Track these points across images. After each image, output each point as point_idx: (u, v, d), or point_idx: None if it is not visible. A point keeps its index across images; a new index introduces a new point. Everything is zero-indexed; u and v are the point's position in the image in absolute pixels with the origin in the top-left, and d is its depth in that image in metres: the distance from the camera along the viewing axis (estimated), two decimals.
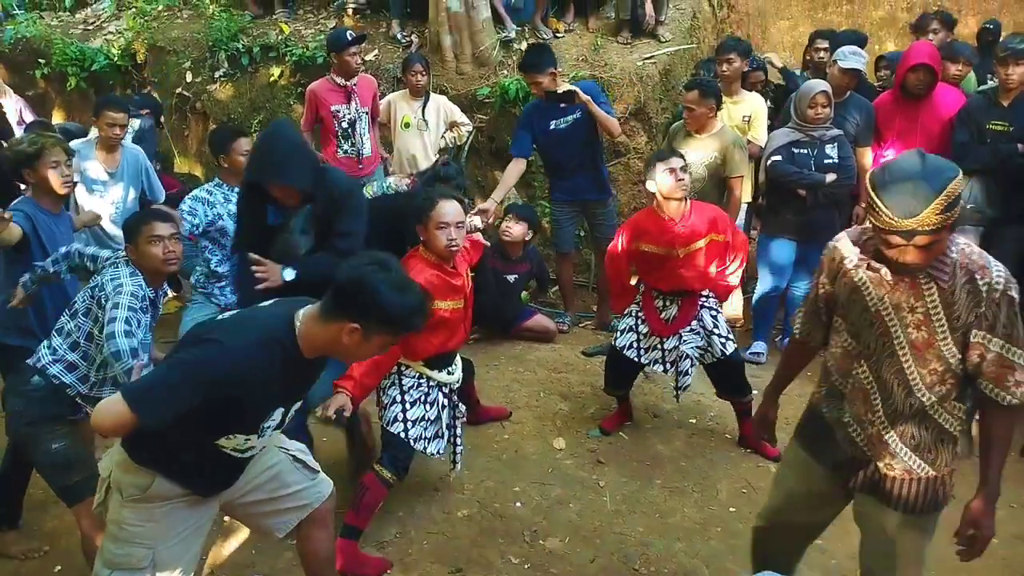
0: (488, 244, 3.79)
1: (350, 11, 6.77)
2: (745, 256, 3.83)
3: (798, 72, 5.67)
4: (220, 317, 2.06)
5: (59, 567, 3.01)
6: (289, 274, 3.01)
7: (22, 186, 3.41)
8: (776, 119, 4.97)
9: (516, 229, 4.90)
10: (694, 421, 4.10)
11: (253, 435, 2.06)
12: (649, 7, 5.94)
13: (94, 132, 4.48)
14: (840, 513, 2.33)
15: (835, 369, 2.15)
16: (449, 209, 3.01)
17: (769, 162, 4.55)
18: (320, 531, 2.43)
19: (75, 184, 3.52)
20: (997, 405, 1.96)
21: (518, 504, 3.41)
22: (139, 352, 2.53)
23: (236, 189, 3.89)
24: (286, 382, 2.04)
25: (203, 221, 3.93)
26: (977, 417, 2.08)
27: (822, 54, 5.42)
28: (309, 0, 7.10)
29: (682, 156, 3.69)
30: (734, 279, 3.82)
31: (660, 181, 3.59)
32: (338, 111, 5.15)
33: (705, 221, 3.67)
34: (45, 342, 2.78)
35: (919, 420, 2.04)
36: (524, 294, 5.49)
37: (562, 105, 4.71)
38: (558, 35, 6.31)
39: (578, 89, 4.67)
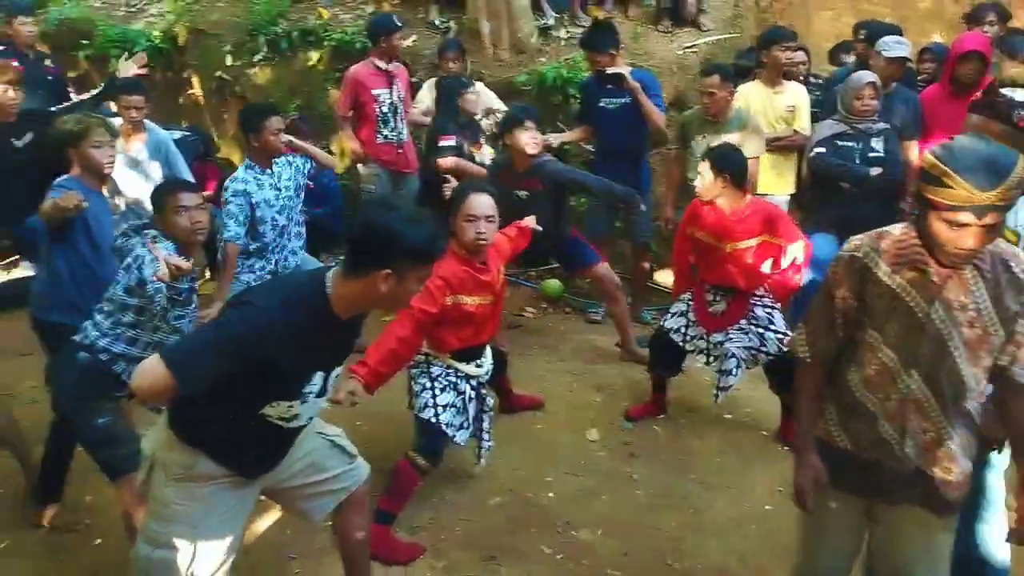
0: (540, 228, 3.75)
1: None
2: (806, 259, 3.69)
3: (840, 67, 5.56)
4: (258, 284, 2.07)
5: (99, 540, 3.06)
6: None
7: None
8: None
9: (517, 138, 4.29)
10: (730, 416, 4.06)
11: (296, 400, 2.05)
12: None
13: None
14: None
15: (863, 389, 2.03)
16: (480, 202, 2.98)
17: (813, 154, 4.46)
18: (357, 514, 2.44)
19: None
20: None
21: (550, 494, 3.40)
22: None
23: (267, 171, 3.91)
24: (322, 344, 2.03)
25: (246, 214, 3.86)
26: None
27: (858, 46, 5.31)
28: None
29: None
30: (798, 279, 3.69)
31: (700, 181, 3.57)
32: (379, 95, 5.14)
33: (761, 221, 3.60)
34: (89, 320, 2.82)
35: (967, 419, 2.00)
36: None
37: (609, 87, 4.68)
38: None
39: (627, 74, 4.62)
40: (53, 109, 4.78)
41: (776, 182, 4.79)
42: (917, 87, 4.89)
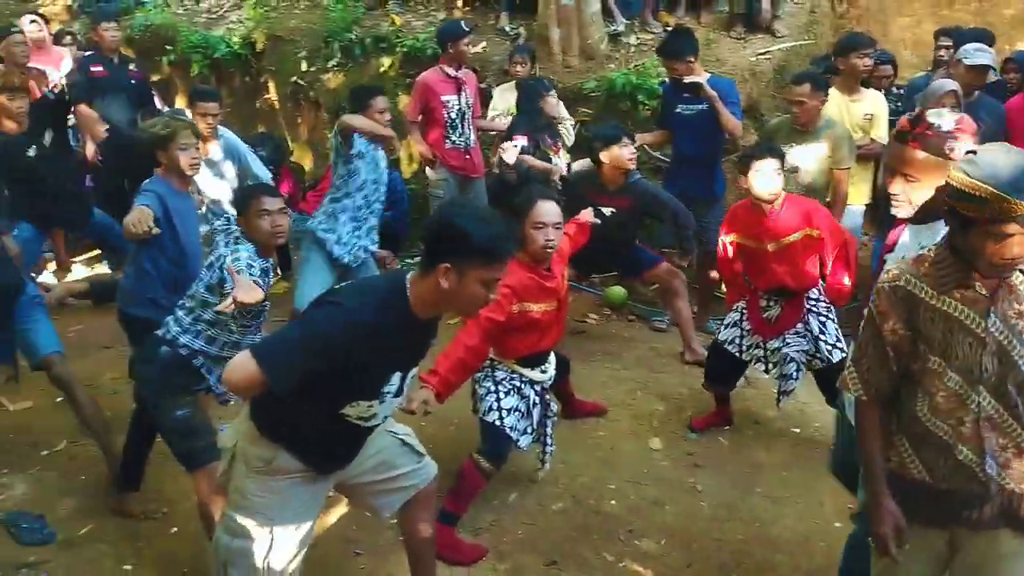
0: (599, 221, 3.77)
1: (460, 3, 6.85)
2: (853, 256, 3.67)
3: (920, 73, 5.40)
4: (341, 284, 2.13)
5: (175, 529, 3.17)
6: None
7: None
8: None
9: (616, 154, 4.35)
10: (797, 430, 3.97)
11: (375, 400, 2.10)
12: (766, 1, 5.77)
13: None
14: None
15: (933, 417, 1.95)
16: (548, 209, 2.97)
17: None
18: (423, 512, 2.49)
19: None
20: None
21: (613, 502, 3.39)
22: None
23: (371, 145, 4.13)
24: (403, 345, 2.08)
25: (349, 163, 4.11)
26: None
27: (942, 52, 5.15)
28: None
29: (781, 156, 3.60)
30: (847, 280, 3.66)
31: (754, 182, 3.51)
32: (448, 101, 5.21)
33: (798, 215, 3.57)
34: (172, 315, 2.93)
35: None
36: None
37: (686, 94, 4.67)
38: (668, 29, 6.17)
39: (703, 82, 4.59)
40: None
41: (852, 192, 4.67)
42: (1009, 95, 4.72)
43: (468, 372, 2.97)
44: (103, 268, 5.92)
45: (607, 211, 4.39)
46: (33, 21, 6.47)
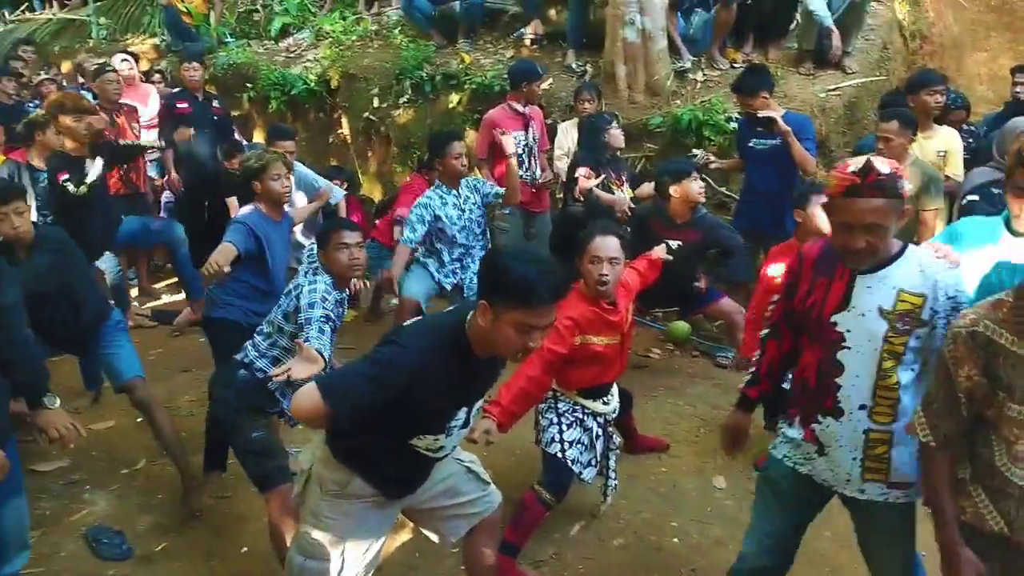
0: (670, 258, 3.78)
1: (528, 42, 6.99)
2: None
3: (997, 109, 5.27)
4: (407, 323, 2.19)
5: (245, 548, 3.27)
6: None
7: None
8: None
9: (687, 188, 4.41)
10: None
11: (441, 435, 2.16)
12: (836, 38, 5.72)
13: None
14: None
15: (1013, 466, 1.89)
16: (606, 244, 2.94)
17: (965, 201, 4.22)
18: (487, 539, 2.52)
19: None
20: None
21: (675, 540, 3.35)
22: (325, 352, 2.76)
23: (453, 192, 4.40)
24: (464, 382, 2.13)
25: (430, 225, 4.34)
26: None
27: (1019, 88, 5.02)
28: (489, 31, 7.40)
29: None
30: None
31: (819, 215, 3.43)
32: (515, 137, 5.31)
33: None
34: (250, 340, 3.06)
35: None
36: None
37: (760, 128, 4.69)
38: (735, 65, 6.20)
39: (778, 117, 4.59)
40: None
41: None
42: None
43: (530, 403, 3.00)
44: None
45: (673, 244, 4.40)
46: (124, 59, 6.89)
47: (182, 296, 5.82)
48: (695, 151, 5.10)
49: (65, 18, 10.02)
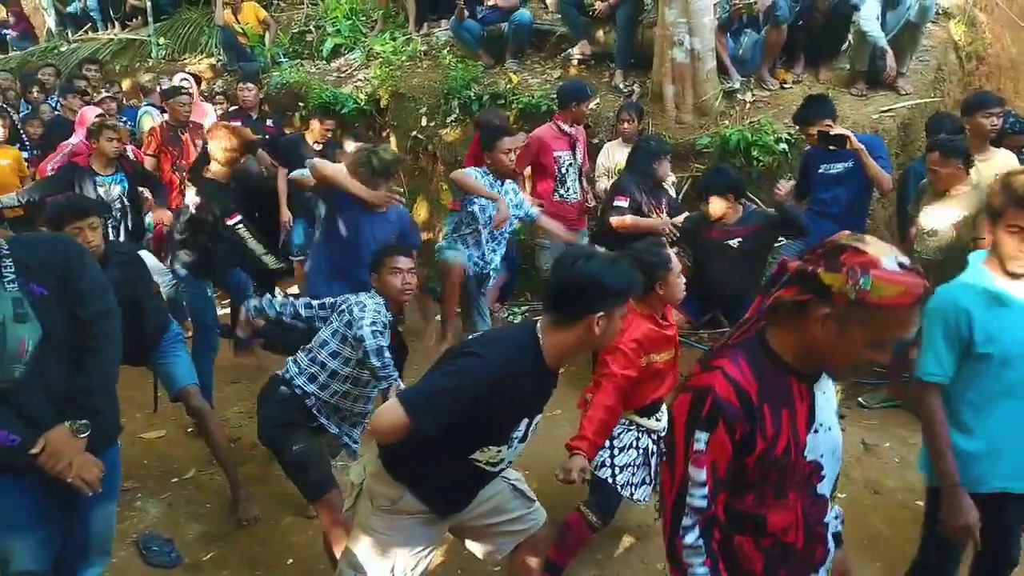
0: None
1: (575, 62, 7.03)
2: None
3: None
4: (475, 335, 2.23)
5: (291, 560, 3.31)
6: None
7: None
8: None
9: (716, 207, 4.54)
10: (921, 503, 3.74)
11: (504, 446, 2.18)
12: (891, 58, 5.64)
13: None
14: None
15: None
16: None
17: None
18: (532, 557, 2.53)
19: None
20: None
21: None
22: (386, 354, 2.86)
23: (497, 183, 4.46)
24: (532, 393, 2.18)
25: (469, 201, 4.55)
26: None
27: None
28: (537, 52, 7.45)
29: None
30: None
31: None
32: (560, 156, 5.36)
33: None
34: (291, 358, 3.11)
35: None
36: None
37: (832, 148, 4.61)
38: (785, 86, 6.15)
39: (851, 135, 4.54)
40: None
41: None
42: None
43: (610, 432, 2.97)
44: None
45: (734, 243, 4.37)
46: (184, 79, 7.10)
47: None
48: (780, 183, 4.98)
49: (126, 38, 10.37)
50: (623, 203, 4.84)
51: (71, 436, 2.13)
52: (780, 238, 4.88)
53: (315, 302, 3.26)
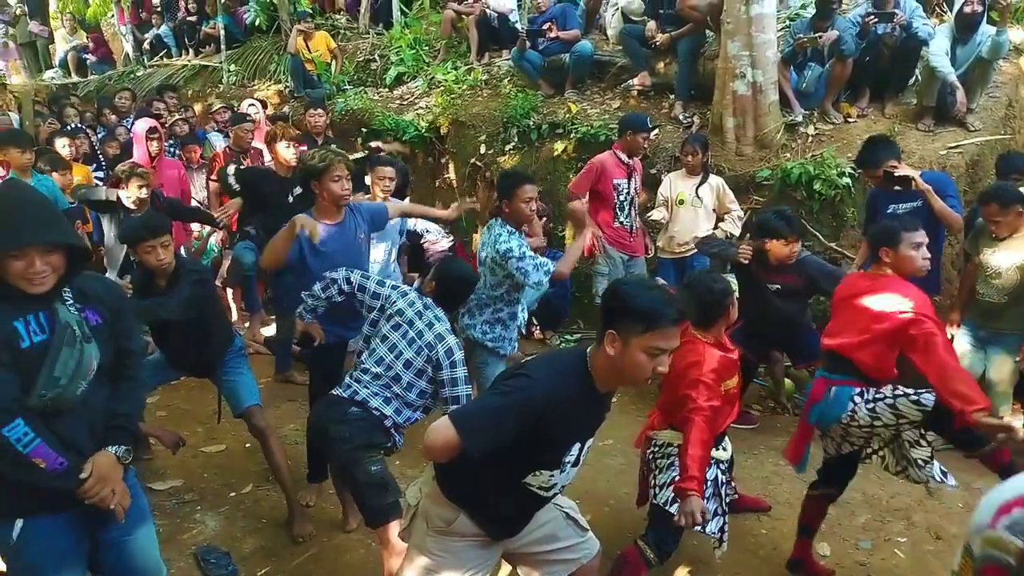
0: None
1: (635, 92, 7.06)
2: None
3: None
4: (530, 358, 2.25)
5: None
6: None
7: None
8: None
9: (777, 251, 4.25)
10: None
11: (556, 471, 2.18)
12: (960, 94, 5.54)
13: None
14: None
15: None
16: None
17: None
18: None
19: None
20: None
21: None
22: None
23: (516, 233, 3.85)
24: (584, 416, 2.18)
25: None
26: None
27: None
28: (597, 83, 7.52)
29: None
30: None
31: (906, 256, 3.13)
32: (619, 184, 5.38)
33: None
34: (352, 377, 3.17)
35: None
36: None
37: (897, 189, 4.51)
38: (849, 120, 6.08)
39: (916, 175, 4.46)
40: None
41: None
42: None
43: (708, 464, 2.93)
44: None
45: (773, 287, 4.33)
46: (251, 105, 7.35)
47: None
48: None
49: (199, 64, 10.80)
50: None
51: (116, 462, 2.14)
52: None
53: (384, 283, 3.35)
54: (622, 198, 5.44)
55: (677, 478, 3.00)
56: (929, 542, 3.69)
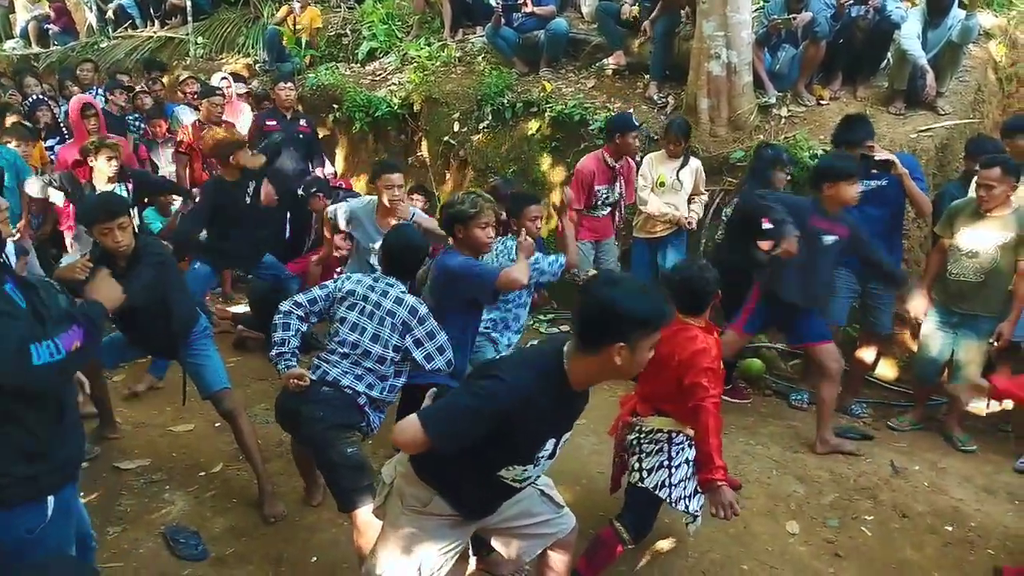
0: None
1: (610, 72, 7.03)
2: None
3: None
4: (504, 355, 2.23)
5: (315, 558, 3.32)
6: None
7: None
8: None
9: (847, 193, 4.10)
10: (951, 529, 3.69)
11: (530, 465, 2.19)
12: (930, 78, 5.58)
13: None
14: None
15: None
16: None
17: None
18: (559, 563, 2.56)
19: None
20: None
21: None
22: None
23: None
24: (557, 413, 2.17)
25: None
26: None
27: None
28: (572, 61, 7.46)
29: None
30: None
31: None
32: (600, 191, 5.37)
33: None
34: (321, 358, 3.13)
35: None
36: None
37: (874, 172, 4.53)
38: (822, 102, 6.11)
39: (896, 160, 4.49)
40: None
41: None
42: None
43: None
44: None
45: (828, 240, 4.17)
46: (223, 79, 7.20)
47: None
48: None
49: (165, 36, 10.53)
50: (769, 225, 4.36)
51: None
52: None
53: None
54: (599, 202, 5.43)
55: (663, 462, 3.04)
56: (896, 520, 3.76)
